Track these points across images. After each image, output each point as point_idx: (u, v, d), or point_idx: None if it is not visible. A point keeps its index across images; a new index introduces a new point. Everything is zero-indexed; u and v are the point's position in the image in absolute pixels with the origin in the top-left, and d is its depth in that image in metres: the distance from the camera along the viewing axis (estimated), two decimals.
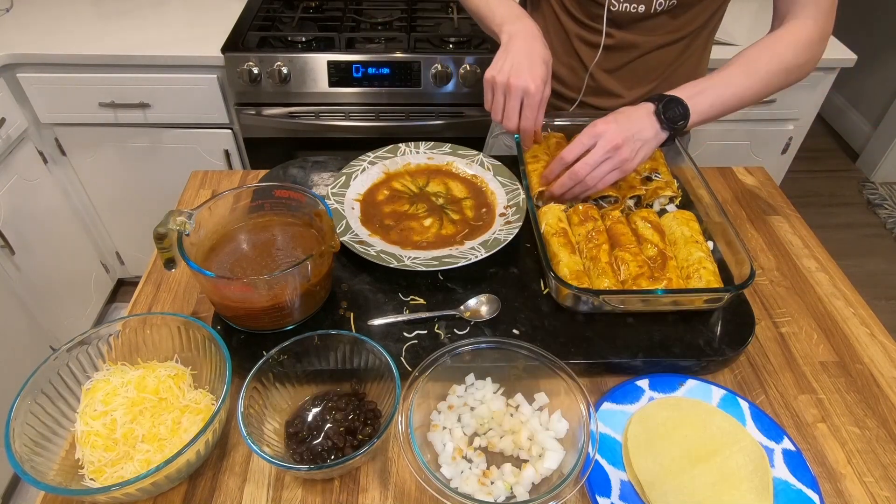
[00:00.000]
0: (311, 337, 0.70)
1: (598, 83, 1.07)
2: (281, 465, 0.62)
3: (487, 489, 0.63)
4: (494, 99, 0.90)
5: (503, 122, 0.90)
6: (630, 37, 1.00)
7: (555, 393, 0.71)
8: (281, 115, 1.69)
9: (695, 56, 1.06)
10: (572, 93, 1.11)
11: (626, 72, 1.05)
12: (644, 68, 1.05)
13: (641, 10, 0.96)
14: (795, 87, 1.75)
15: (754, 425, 0.71)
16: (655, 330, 0.79)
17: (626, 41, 1.00)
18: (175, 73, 1.64)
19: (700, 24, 1.00)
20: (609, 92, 1.08)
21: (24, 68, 1.61)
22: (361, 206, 0.95)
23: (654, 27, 0.99)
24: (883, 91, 2.92)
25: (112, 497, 0.58)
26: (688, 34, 1.01)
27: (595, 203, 0.94)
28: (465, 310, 0.81)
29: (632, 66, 1.04)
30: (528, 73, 0.86)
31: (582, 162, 0.84)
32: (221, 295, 0.73)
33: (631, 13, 0.96)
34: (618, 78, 1.06)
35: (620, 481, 0.66)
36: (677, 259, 0.84)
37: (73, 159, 1.82)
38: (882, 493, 0.67)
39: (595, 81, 1.07)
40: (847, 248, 2.59)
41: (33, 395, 0.64)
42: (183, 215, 0.73)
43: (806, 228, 1.03)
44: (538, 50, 0.89)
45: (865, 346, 0.83)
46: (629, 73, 1.05)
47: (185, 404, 0.68)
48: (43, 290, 1.75)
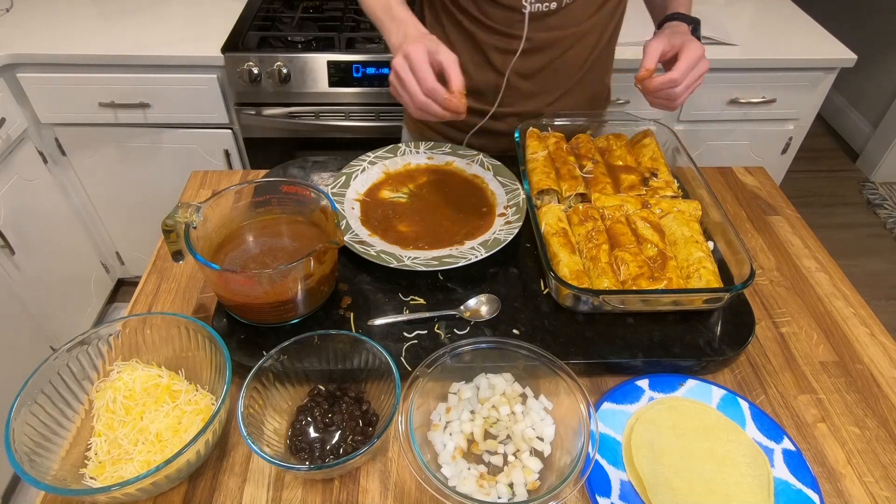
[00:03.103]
0: (311, 337, 0.70)
1: (516, 89, 1.07)
2: (281, 465, 0.62)
3: (486, 489, 0.63)
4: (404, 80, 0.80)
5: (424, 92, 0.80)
6: (546, 36, 1.00)
7: (555, 393, 0.71)
8: (281, 115, 1.69)
9: (604, 54, 1.10)
10: (488, 105, 1.08)
11: (543, 75, 1.05)
12: (560, 70, 1.06)
13: (553, 6, 0.97)
14: (795, 87, 1.77)
15: (754, 425, 0.71)
16: (655, 330, 0.79)
17: (543, 41, 1.01)
18: (175, 73, 1.63)
19: (607, 14, 1.03)
20: (527, 96, 1.08)
21: (24, 68, 1.61)
22: (361, 206, 0.95)
23: (567, 22, 1.00)
24: (883, 91, 2.92)
25: (112, 497, 0.58)
26: (597, 27, 1.03)
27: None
28: (465, 310, 0.81)
29: (548, 69, 1.05)
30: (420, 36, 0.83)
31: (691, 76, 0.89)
32: (227, 288, 0.74)
33: (544, 11, 0.97)
34: (535, 82, 1.07)
35: (620, 481, 0.66)
36: (677, 259, 0.84)
37: (73, 159, 1.82)
38: (882, 493, 0.67)
39: (512, 88, 1.06)
40: (847, 248, 2.59)
41: (33, 395, 0.64)
42: (191, 208, 0.73)
43: (806, 228, 1.03)
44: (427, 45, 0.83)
45: (865, 346, 0.83)
46: (547, 76, 1.06)
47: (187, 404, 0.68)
48: (43, 290, 1.75)
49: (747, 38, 1.77)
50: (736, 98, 1.77)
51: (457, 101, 0.80)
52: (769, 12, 1.96)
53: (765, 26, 1.87)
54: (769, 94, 1.78)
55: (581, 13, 1.00)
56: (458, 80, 0.81)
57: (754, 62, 1.72)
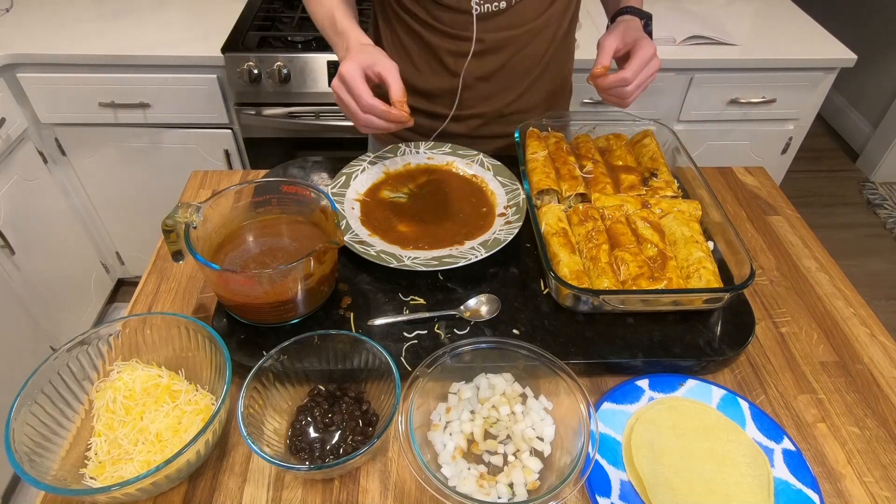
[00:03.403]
0: (311, 337, 0.70)
1: (474, 91, 1.06)
2: (281, 465, 0.62)
3: (487, 489, 0.63)
4: (343, 100, 0.81)
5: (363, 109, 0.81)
6: (498, 36, 0.99)
7: (555, 393, 0.71)
8: (281, 115, 1.69)
9: (562, 50, 1.09)
10: (447, 109, 1.08)
11: (500, 75, 1.04)
12: (518, 68, 1.04)
13: (503, 5, 0.96)
14: (795, 87, 1.78)
15: (754, 425, 0.71)
16: (655, 330, 0.79)
17: (495, 42, 1.00)
18: (175, 73, 1.64)
19: (559, 10, 1.02)
20: (487, 97, 1.07)
21: (24, 68, 1.61)
22: (361, 206, 0.95)
23: (517, 21, 0.98)
24: (883, 91, 2.92)
25: (112, 497, 0.58)
26: (550, 24, 1.02)
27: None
28: (465, 310, 0.81)
29: (505, 68, 1.04)
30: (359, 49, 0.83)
31: (642, 75, 0.90)
32: (227, 288, 0.74)
33: (494, 11, 0.96)
34: (493, 83, 1.06)
35: (620, 481, 0.66)
36: (677, 259, 0.84)
37: (73, 159, 1.82)
38: (882, 493, 0.67)
39: (470, 90, 1.05)
40: (847, 248, 2.59)
41: (33, 395, 0.64)
42: (191, 208, 0.73)
43: (806, 228, 1.03)
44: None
45: (865, 346, 0.83)
46: (504, 76, 1.05)
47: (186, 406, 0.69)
48: (43, 290, 1.75)
49: (747, 38, 1.77)
50: (736, 98, 1.78)
51: (397, 111, 0.80)
52: (769, 12, 1.96)
53: (765, 26, 1.87)
54: (769, 94, 1.78)
55: (531, 12, 0.98)
56: (397, 89, 0.81)
57: (754, 62, 1.72)
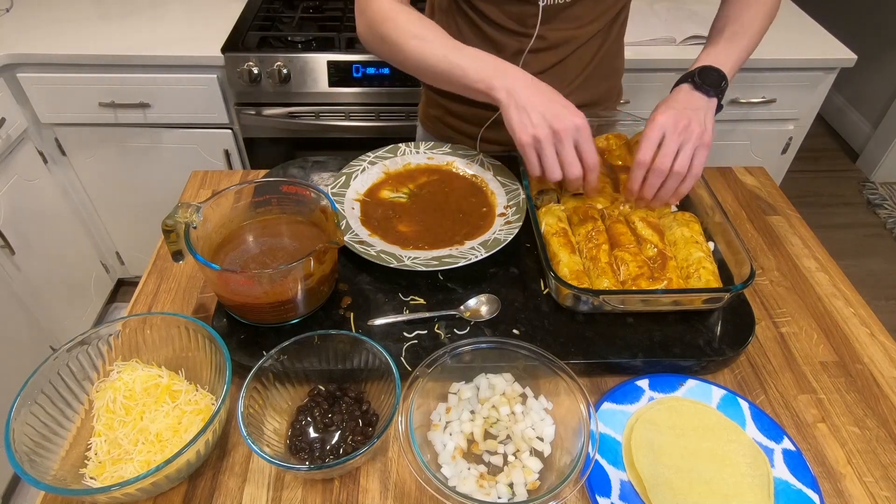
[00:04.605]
0: (311, 337, 0.70)
1: None
2: (281, 465, 0.62)
3: (487, 489, 0.63)
4: (545, 156, 0.81)
5: (565, 173, 0.82)
6: (560, 33, 1.00)
7: (555, 393, 0.71)
8: (281, 115, 1.69)
9: (611, 52, 1.09)
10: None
11: (552, 73, 1.04)
12: (570, 66, 1.05)
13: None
14: (795, 87, 1.77)
15: (754, 425, 0.71)
16: (655, 330, 0.79)
17: (557, 38, 1.00)
18: (175, 73, 1.63)
19: (617, 9, 1.02)
20: None
21: (24, 68, 1.61)
22: (361, 206, 0.95)
23: (579, 15, 0.99)
24: (883, 91, 2.92)
25: (112, 497, 0.58)
26: (606, 23, 1.03)
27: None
28: (465, 310, 0.81)
29: (559, 66, 1.04)
30: (565, 110, 0.81)
31: (661, 154, 0.81)
32: (227, 288, 0.74)
33: (559, 4, 0.96)
34: (544, 80, 1.06)
35: (620, 481, 0.66)
36: (677, 259, 0.84)
37: (73, 159, 1.82)
38: (882, 493, 0.67)
39: None
40: (847, 248, 2.59)
41: (33, 395, 0.64)
42: (191, 208, 0.73)
43: (806, 228, 1.03)
44: (547, 88, 0.84)
45: (865, 346, 0.83)
46: (556, 74, 1.05)
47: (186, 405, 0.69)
48: (43, 290, 1.75)
49: None
50: (736, 98, 1.77)
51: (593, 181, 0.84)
52: None
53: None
54: (769, 94, 1.78)
55: (591, 10, 0.99)
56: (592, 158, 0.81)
57: (754, 62, 1.71)
